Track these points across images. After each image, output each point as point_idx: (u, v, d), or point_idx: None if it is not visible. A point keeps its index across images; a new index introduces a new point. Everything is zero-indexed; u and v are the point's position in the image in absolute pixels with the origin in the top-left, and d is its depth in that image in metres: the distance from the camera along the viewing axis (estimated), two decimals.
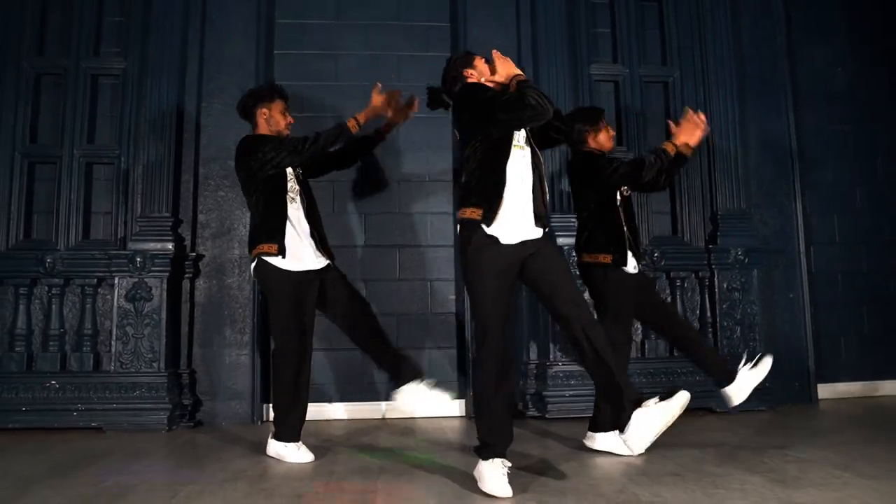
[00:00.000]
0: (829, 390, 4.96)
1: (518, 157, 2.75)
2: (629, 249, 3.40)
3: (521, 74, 2.82)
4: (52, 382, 4.09)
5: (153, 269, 4.20)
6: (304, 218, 3.37)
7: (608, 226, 3.42)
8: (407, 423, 4.30)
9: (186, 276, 4.40)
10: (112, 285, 4.24)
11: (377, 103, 3.52)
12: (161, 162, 4.40)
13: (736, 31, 5.04)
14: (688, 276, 4.72)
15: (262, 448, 3.34)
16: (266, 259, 3.24)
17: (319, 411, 4.46)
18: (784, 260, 4.95)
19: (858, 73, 5.34)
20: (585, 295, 3.47)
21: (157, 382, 4.11)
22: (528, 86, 2.72)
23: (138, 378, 4.12)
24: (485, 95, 2.79)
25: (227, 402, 4.38)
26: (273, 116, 3.44)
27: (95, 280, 4.29)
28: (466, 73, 2.96)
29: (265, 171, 3.27)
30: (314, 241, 3.36)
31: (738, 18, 5.09)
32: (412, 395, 3.30)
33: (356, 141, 3.63)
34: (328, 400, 4.58)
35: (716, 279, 4.65)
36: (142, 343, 4.15)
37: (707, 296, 4.70)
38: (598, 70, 4.94)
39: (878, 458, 3.07)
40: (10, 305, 4.26)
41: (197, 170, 4.56)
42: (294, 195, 3.36)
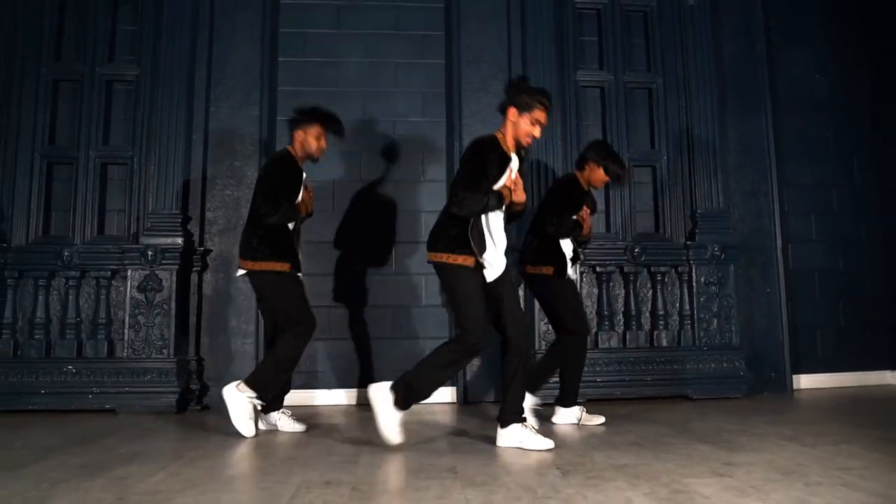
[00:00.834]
0: (807, 381, 5.21)
1: None
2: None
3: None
4: (69, 367, 4.38)
5: (163, 262, 4.48)
6: None
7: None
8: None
9: (195, 269, 4.69)
10: (125, 277, 4.52)
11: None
12: (171, 162, 4.69)
13: (717, 38, 5.31)
14: (668, 270, 4.97)
15: (264, 427, 3.65)
16: None
17: (318, 396, 4.75)
18: (762, 257, 5.19)
19: (839, 78, 5.57)
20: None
21: (166, 368, 4.40)
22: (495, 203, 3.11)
23: (149, 364, 4.40)
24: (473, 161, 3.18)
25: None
26: (307, 140, 3.65)
27: (109, 272, 4.57)
28: (510, 111, 3.29)
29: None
30: None
31: (720, 27, 5.35)
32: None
33: None
34: (326, 386, 4.84)
35: (693, 274, 4.90)
36: (152, 331, 4.44)
37: (686, 289, 4.94)
38: (584, 76, 5.19)
39: (825, 432, 3.34)
40: (30, 296, 4.55)
41: (205, 170, 4.84)
42: None
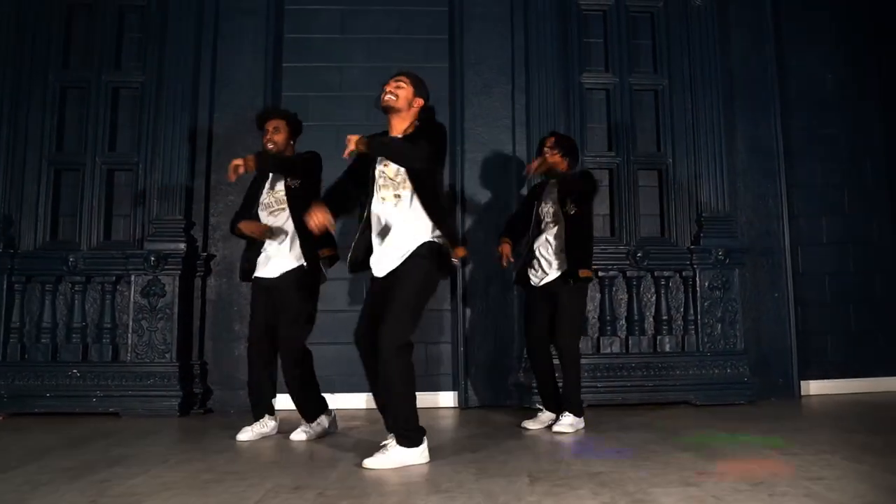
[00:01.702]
0: (816, 387, 5.11)
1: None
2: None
3: None
4: (74, 371, 4.46)
5: (166, 267, 4.54)
6: None
7: None
8: None
9: (198, 274, 4.74)
10: (129, 282, 4.59)
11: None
12: (175, 168, 4.75)
13: (725, 39, 5.25)
14: (672, 275, 4.91)
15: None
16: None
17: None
18: (770, 260, 5.11)
19: (849, 77, 5.48)
20: None
21: (169, 372, 4.46)
22: None
23: (152, 368, 4.46)
24: None
25: (237, 391, 4.65)
26: None
27: (114, 277, 4.64)
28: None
29: None
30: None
31: (728, 27, 5.29)
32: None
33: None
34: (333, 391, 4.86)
35: (697, 278, 4.84)
36: (155, 336, 4.49)
37: (690, 294, 4.89)
38: (589, 79, 5.16)
39: (815, 440, 3.28)
40: (37, 301, 4.64)
41: (209, 176, 4.89)
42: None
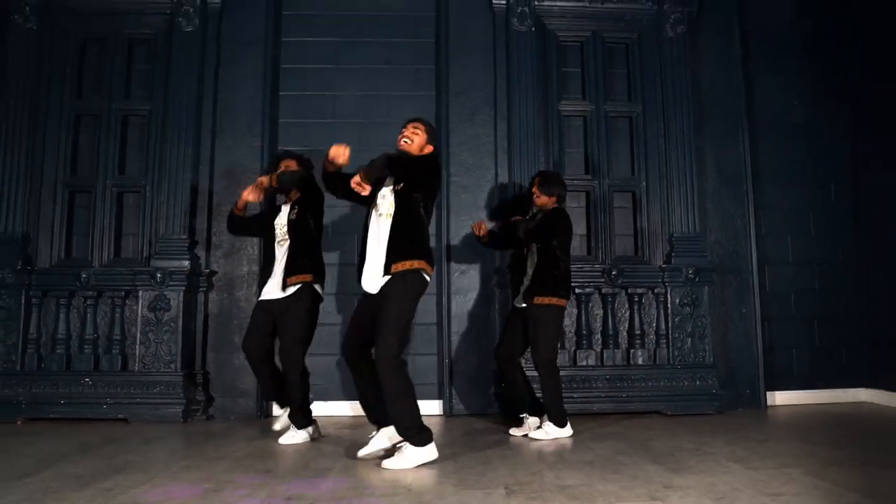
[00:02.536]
0: (782, 398, 5.42)
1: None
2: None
3: None
4: (87, 380, 4.81)
5: (171, 283, 4.89)
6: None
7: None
8: None
9: (201, 289, 5.08)
10: (137, 297, 4.94)
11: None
12: (180, 190, 5.10)
13: (696, 69, 5.56)
14: (645, 292, 5.23)
15: (259, 437, 4.07)
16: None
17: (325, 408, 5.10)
18: (737, 279, 5.42)
19: (815, 105, 5.77)
20: None
21: (174, 381, 4.80)
22: None
23: (158, 377, 4.81)
24: None
25: (236, 399, 5.04)
26: None
27: (123, 293, 4.99)
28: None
29: None
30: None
31: (698, 56, 5.60)
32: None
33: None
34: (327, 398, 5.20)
35: (669, 295, 5.16)
36: (161, 347, 4.85)
37: (661, 310, 5.20)
38: (567, 106, 5.49)
39: (777, 453, 3.54)
40: (52, 314, 5.00)
41: (211, 197, 5.24)
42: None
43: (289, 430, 4.02)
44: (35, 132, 5.16)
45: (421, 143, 3.62)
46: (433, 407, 5.17)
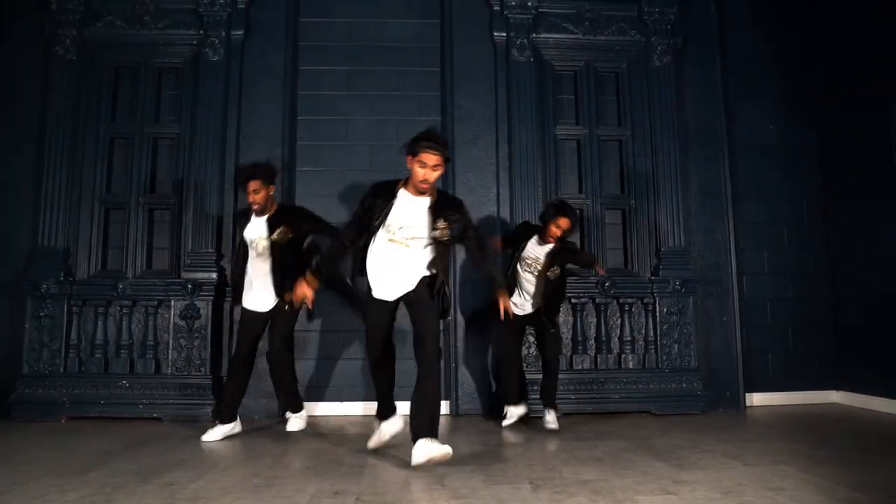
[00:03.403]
0: (759, 398, 5.89)
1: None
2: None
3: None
4: (124, 382, 5.24)
5: (201, 293, 5.33)
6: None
7: None
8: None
9: (227, 299, 5.50)
10: (169, 306, 5.37)
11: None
12: (207, 208, 5.54)
13: (680, 95, 6.05)
14: (634, 302, 5.69)
15: (281, 435, 4.51)
16: None
17: (328, 408, 5.54)
18: (718, 289, 5.90)
19: (789, 128, 6.27)
20: None
21: (204, 383, 5.24)
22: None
23: (189, 380, 5.25)
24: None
25: (260, 399, 5.43)
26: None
27: (156, 302, 5.42)
28: (407, 159, 3.85)
29: None
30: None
31: (682, 84, 6.09)
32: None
33: None
34: (341, 399, 5.64)
35: (657, 305, 5.63)
36: (192, 352, 5.28)
37: (650, 318, 5.67)
38: (562, 130, 5.97)
39: (768, 450, 3.88)
40: (91, 322, 5.42)
41: (236, 214, 5.65)
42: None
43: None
44: (74, 154, 5.59)
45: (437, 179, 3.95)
46: (441, 407, 5.57)
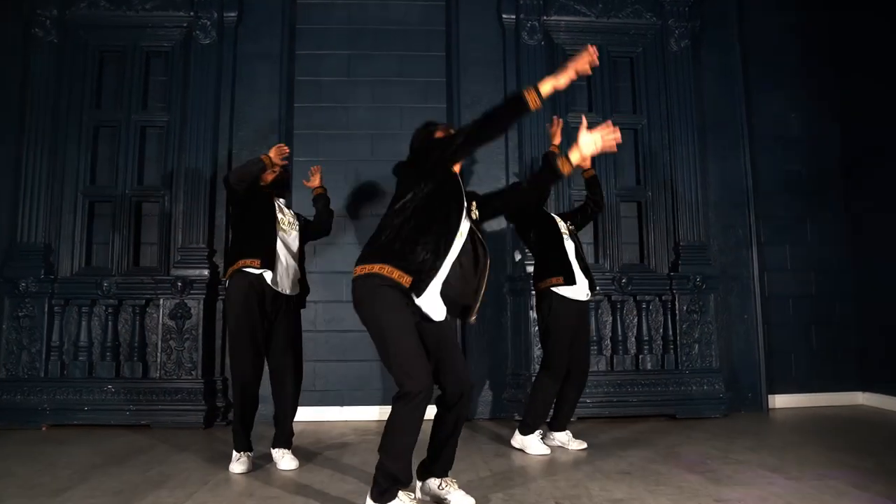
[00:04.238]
0: (781, 401, 5.60)
1: None
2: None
3: None
4: (109, 387, 4.89)
5: (192, 292, 4.99)
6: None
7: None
8: None
9: (220, 297, 5.18)
10: (158, 305, 5.03)
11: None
12: (198, 200, 5.20)
13: (698, 82, 5.74)
14: (652, 299, 5.39)
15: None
16: None
17: (331, 414, 5.23)
18: (739, 285, 5.61)
19: (811, 118, 5.98)
20: None
21: (195, 388, 4.90)
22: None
23: (179, 384, 4.90)
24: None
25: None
26: None
27: (144, 301, 5.08)
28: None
29: None
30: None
31: (701, 70, 5.78)
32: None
33: None
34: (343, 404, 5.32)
35: (676, 302, 5.32)
36: (182, 354, 4.94)
37: (669, 316, 5.37)
38: (575, 118, 5.61)
39: (807, 461, 3.57)
40: (74, 322, 5.07)
41: (229, 207, 5.31)
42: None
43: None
44: (56, 143, 5.23)
45: None
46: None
